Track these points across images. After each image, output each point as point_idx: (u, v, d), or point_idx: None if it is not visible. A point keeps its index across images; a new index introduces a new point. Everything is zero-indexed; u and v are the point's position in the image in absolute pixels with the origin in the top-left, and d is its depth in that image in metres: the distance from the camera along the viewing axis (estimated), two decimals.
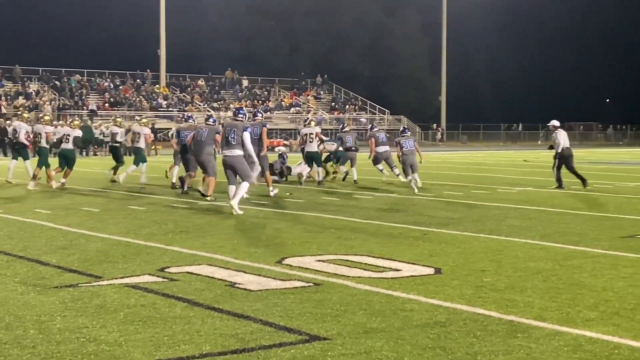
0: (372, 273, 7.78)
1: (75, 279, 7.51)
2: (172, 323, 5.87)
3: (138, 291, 6.95)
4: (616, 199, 16.10)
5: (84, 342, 5.39)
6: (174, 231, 10.90)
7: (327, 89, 74.14)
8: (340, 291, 6.95)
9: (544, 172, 25.72)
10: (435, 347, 5.27)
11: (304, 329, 5.72)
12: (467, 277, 7.61)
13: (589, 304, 6.50)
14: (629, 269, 8.04)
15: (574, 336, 5.55)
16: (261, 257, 8.70)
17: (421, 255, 8.90)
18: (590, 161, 35.16)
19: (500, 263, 8.38)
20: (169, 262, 8.42)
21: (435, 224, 11.67)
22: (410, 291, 6.93)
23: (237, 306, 6.38)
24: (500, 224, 11.74)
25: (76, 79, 61.74)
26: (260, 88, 70.62)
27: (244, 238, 10.23)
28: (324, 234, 10.67)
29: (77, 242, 9.82)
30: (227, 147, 13.24)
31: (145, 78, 65.15)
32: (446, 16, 71.96)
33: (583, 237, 10.38)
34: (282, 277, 7.56)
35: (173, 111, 59.20)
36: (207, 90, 67.09)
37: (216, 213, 13.23)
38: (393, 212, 13.39)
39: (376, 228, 11.31)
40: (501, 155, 43.31)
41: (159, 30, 61.69)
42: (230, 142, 13.20)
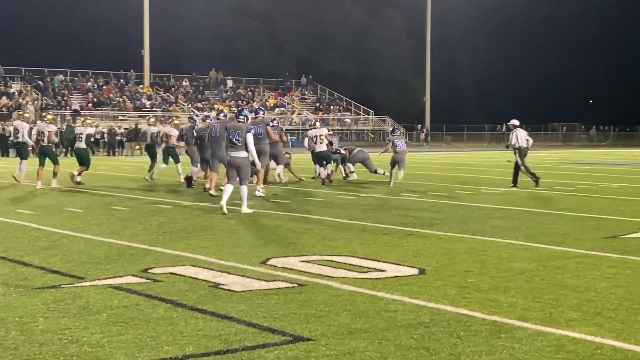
0: (357, 274, 7.78)
1: (57, 280, 7.47)
2: (155, 324, 5.84)
3: (121, 292, 6.91)
4: (599, 199, 16.19)
5: (66, 343, 5.36)
6: (157, 232, 10.86)
7: (311, 90, 74.16)
8: (325, 292, 6.94)
9: None
10: (419, 348, 5.27)
11: (287, 330, 5.71)
12: (451, 277, 7.63)
13: (572, 305, 6.52)
14: (611, 270, 8.08)
15: (556, 336, 5.57)
16: (245, 258, 8.68)
17: (405, 255, 8.91)
18: (574, 162, 35.37)
19: (484, 263, 8.40)
20: (153, 263, 8.38)
21: (420, 225, 11.69)
22: (395, 292, 6.94)
23: (221, 307, 6.36)
24: (484, 225, 11.78)
25: (59, 79, 61.41)
26: (245, 88, 70.52)
27: (228, 239, 10.20)
28: (309, 234, 10.67)
29: (60, 243, 9.76)
30: (232, 148, 13.45)
31: (128, 78, 64.90)
32: (430, 17, 72.11)
33: (566, 237, 10.42)
34: (266, 278, 7.55)
35: (157, 111, 58.99)
36: (191, 90, 66.92)
37: (200, 214, 13.19)
38: (377, 213, 13.40)
39: (361, 228, 11.31)
40: (485, 156, 43.47)
41: (143, 30, 61.47)
42: (235, 143, 13.39)
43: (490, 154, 48.28)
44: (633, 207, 14.50)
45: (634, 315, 6.18)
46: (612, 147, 64.58)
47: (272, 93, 70.11)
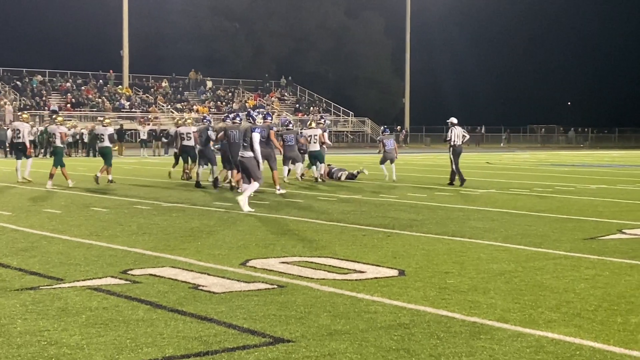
0: (337, 275, 7.79)
1: (36, 281, 7.41)
2: (134, 326, 5.81)
3: (100, 294, 6.87)
4: (578, 201, 16.30)
5: (45, 345, 5.32)
6: (137, 233, 10.81)
7: (291, 91, 74.14)
8: (305, 293, 6.94)
9: (507, 174, 25.99)
10: (399, 349, 5.28)
11: (267, 332, 5.70)
12: (430, 278, 7.65)
13: (551, 306, 6.56)
14: (590, 271, 8.14)
15: (536, 337, 5.60)
16: (225, 259, 8.66)
17: (385, 257, 8.92)
18: (552, 163, 35.60)
19: (464, 265, 8.43)
20: (132, 264, 8.34)
21: (399, 226, 11.71)
22: (374, 293, 6.95)
23: (201, 308, 6.34)
24: (463, 226, 11.82)
25: (38, 79, 60.98)
26: (224, 89, 70.37)
27: (207, 240, 10.18)
28: (288, 235, 10.66)
29: (39, 244, 9.69)
30: (242, 149, 14.09)
31: (107, 79, 64.54)
32: (410, 19, 72.29)
33: (545, 238, 10.49)
34: (246, 279, 7.53)
35: (136, 112, 58.75)
36: (171, 91, 66.68)
37: (180, 215, 13.14)
38: (357, 214, 13.42)
39: (340, 230, 11.32)
40: (464, 157, 43.56)
41: (122, 31, 61.17)
42: (243, 144, 14.00)
43: (470, 155, 48.47)
44: (611, 209, 14.62)
45: (613, 316, 6.23)
46: (590, 149, 65.08)
47: (252, 94, 70.03)
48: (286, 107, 69.35)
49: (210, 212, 13.61)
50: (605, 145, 72.31)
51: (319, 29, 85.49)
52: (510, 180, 22.89)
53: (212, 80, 70.51)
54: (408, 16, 72.35)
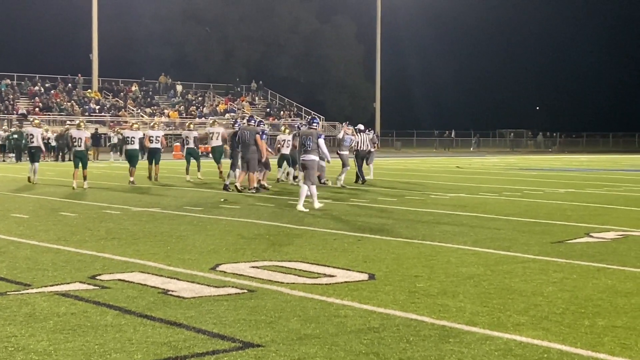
0: (307, 279, 7.79)
1: (3, 287, 7.33)
2: (103, 331, 5.77)
3: (68, 299, 6.81)
4: (546, 205, 16.45)
5: (12, 351, 5.26)
6: (106, 238, 10.73)
7: (262, 95, 74.07)
8: (275, 297, 6.94)
9: (476, 178, 26.16)
10: (369, 353, 5.30)
11: (237, 336, 5.69)
12: (400, 282, 7.68)
13: (519, 309, 6.62)
14: (558, 274, 8.21)
15: (504, 340, 5.64)
16: (195, 264, 8.63)
17: (355, 261, 8.94)
18: (521, 168, 35.89)
19: (433, 268, 8.48)
20: (101, 269, 8.28)
21: (369, 230, 11.75)
22: (345, 297, 6.96)
23: (170, 314, 6.32)
24: (433, 230, 11.88)
25: (6, 83, 60.33)
26: (195, 94, 70.13)
27: (177, 244, 10.13)
28: (259, 240, 10.65)
29: (6, 249, 9.59)
30: (304, 152, 15.06)
31: (76, 82, 64.00)
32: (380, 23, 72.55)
33: (514, 242, 10.57)
34: (216, 284, 7.51)
35: (105, 116, 58.34)
36: (141, 95, 66.31)
37: (149, 219, 13.07)
38: (327, 219, 13.44)
39: (311, 234, 11.32)
40: (434, 162, 43.88)
41: (91, 34, 60.72)
42: (307, 148, 14.98)
43: (440, 159, 48.76)
44: (579, 212, 14.78)
45: (580, 319, 6.29)
46: (558, 153, 65.72)
47: (223, 98, 69.86)
48: (257, 111, 69.21)
49: (180, 216, 13.55)
50: (573, 150, 73.07)
51: (290, 33, 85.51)
52: (480, 184, 23.05)
53: (182, 85, 70.23)
54: (379, 21, 72.59)
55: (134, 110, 61.58)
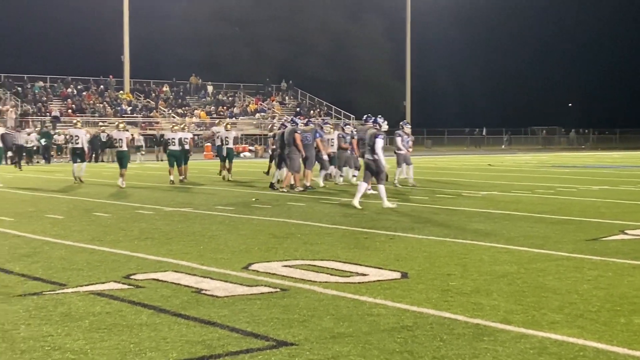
0: (339, 278, 7.79)
1: (39, 287, 7.42)
2: (138, 330, 5.82)
3: (103, 299, 6.88)
4: (580, 202, 16.30)
5: (48, 350, 5.33)
6: (139, 238, 10.82)
7: (292, 95, 74.14)
8: (307, 296, 6.95)
9: (508, 175, 25.99)
10: (403, 352, 5.29)
11: (271, 335, 5.71)
12: (433, 281, 7.65)
13: (554, 307, 6.56)
14: (593, 272, 8.13)
15: (539, 339, 5.60)
16: (227, 263, 8.66)
17: (387, 259, 8.93)
18: (554, 165, 35.58)
19: (466, 267, 8.43)
20: (135, 269, 8.35)
21: (401, 229, 11.71)
22: (377, 296, 6.95)
23: (204, 312, 6.35)
24: (465, 228, 11.82)
25: (39, 85, 61.02)
26: (225, 94, 70.39)
27: (209, 244, 10.18)
28: (290, 239, 10.67)
29: (41, 250, 9.70)
30: (368, 152, 15.17)
31: (108, 84, 64.56)
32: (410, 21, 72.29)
33: (547, 240, 10.48)
34: (248, 283, 7.54)
35: (137, 117, 58.77)
36: (172, 96, 66.70)
37: (182, 219, 13.15)
38: (359, 217, 13.42)
39: (342, 233, 11.32)
40: (466, 160, 43.65)
41: (122, 35, 61.21)
42: (368, 147, 15.16)
43: (471, 157, 48.49)
44: (613, 210, 14.61)
45: (616, 317, 6.23)
46: (591, 150, 65.04)
47: (253, 98, 70.02)
48: (287, 111, 69.32)
49: (212, 216, 13.62)
50: (606, 147, 72.26)
51: (319, 32, 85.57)
52: (512, 182, 22.89)
53: (212, 85, 70.52)
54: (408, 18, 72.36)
55: (165, 111, 61.96)
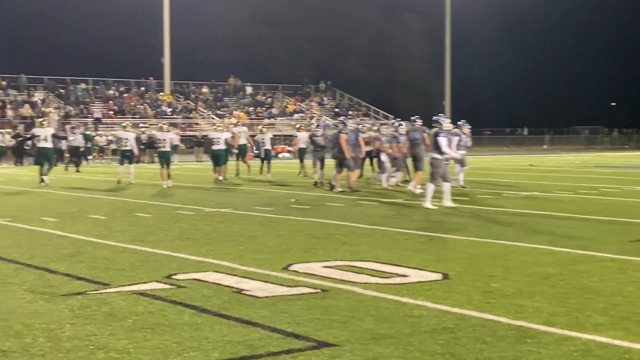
0: (379, 279, 7.77)
1: (83, 286, 7.51)
2: (180, 330, 5.86)
3: (146, 298, 6.95)
4: (624, 203, 16.06)
5: (92, 349, 5.39)
6: (180, 238, 10.90)
7: (330, 95, 74.15)
8: (348, 297, 6.94)
9: (550, 176, 25.72)
10: (445, 353, 5.25)
11: (312, 336, 5.71)
12: (474, 282, 7.59)
13: (598, 309, 6.48)
14: (637, 273, 8.01)
15: (583, 341, 5.53)
16: (267, 264, 8.69)
17: (428, 260, 8.88)
18: (597, 165, 35.12)
19: (508, 268, 8.36)
20: (176, 269, 8.42)
21: (442, 230, 11.65)
22: (418, 297, 6.92)
23: (245, 313, 6.37)
24: (507, 229, 11.72)
25: (81, 87, 61.84)
26: (264, 95, 70.64)
27: (250, 244, 10.22)
28: (330, 240, 10.66)
29: (85, 250, 9.83)
30: (433, 151, 15.20)
31: (149, 86, 65.20)
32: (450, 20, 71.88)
33: (590, 241, 10.35)
34: (288, 284, 7.55)
35: (177, 118, 59.24)
36: (211, 97, 67.15)
37: (222, 220, 13.22)
38: (399, 218, 13.38)
39: (382, 234, 11.29)
40: (507, 160, 43.28)
41: (163, 38, 61.77)
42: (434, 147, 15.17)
43: (512, 157, 48.07)
44: None
45: None
46: (635, 150, 64.06)
47: (291, 99, 70.20)
48: (325, 111, 69.39)
49: (252, 216, 13.68)
50: None
51: (358, 32, 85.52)
52: (554, 182, 22.64)
53: (251, 86, 70.83)
54: (448, 18, 71.96)
55: (204, 112, 62.38)
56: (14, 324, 6.09)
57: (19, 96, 57.74)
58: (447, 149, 15.03)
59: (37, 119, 51.51)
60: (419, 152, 18.81)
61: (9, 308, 6.63)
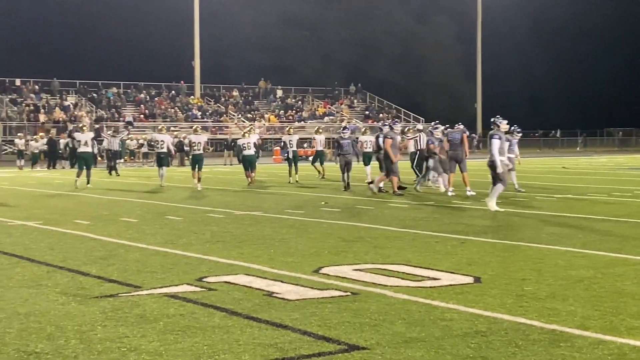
0: (410, 282, 7.73)
1: (115, 289, 7.56)
2: (211, 332, 5.88)
3: (177, 301, 6.97)
4: None
5: (124, 351, 5.41)
6: (211, 241, 10.94)
7: (360, 98, 74.10)
8: (378, 300, 6.91)
9: (583, 178, 25.46)
10: (477, 357, 5.21)
11: (342, 339, 5.69)
12: (507, 286, 7.52)
13: (633, 312, 6.38)
14: None
15: (618, 345, 5.45)
16: (298, 267, 8.69)
17: (460, 264, 8.82)
18: (631, 167, 34.71)
19: (541, 271, 8.27)
20: (207, 271, 8.44)
21: (474, 233, 11.57)
22: (450, 300, 6.87)
23: (275, 316, 6.37)
24: (539, 232, 11.61)
25: (113, 91, 62.42)
26: (294, 98, 70.76)
27: (280, 247, 10.23)
28: (360, 242, 10.64)
29: (117, 253, 9.90)
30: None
31: (179, 89, 65.62)
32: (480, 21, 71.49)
33: (625, 244, 10.21)
34: (319, 287, 7.54)
35: (207, 122, 59.54)
36: (241, 100, 67.40)
37: (252, 223, 13.25)
38: (430, 221, 13.31)
39: (413, 237, 11.24)
40: (539, 162, 42.93)
41: (193, 41, 62.14)
42: None
43: (545, 160, 47.66)
44: None
45: None
46: None
47: (321, 102, 70.24)
48: (355, 114, 69.36)
49: (282, 219, 13.69)
50: None
51: (388, 35, 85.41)
52: (588, 184, 22.41)
53: (281, 89, 71.00)
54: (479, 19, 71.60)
55: (234, 116, 62.63)
56: (46, 325, 6.15)
57: (52, 100, 58.43)
58: (495, 154, 14.53)
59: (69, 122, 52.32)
60: (459, 154, 18.68)
61: (42, 310, 6.69)
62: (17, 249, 10.26)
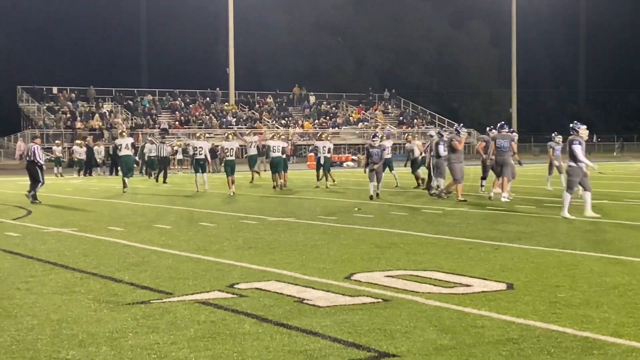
0: (442, 289, 7.68)
1: (147, 295, 7.61)
2: (241, 339, 5.88)
3: (208, 307, 6.99)
4: None
5: (155, 358, 5.44)
6: (243, 247, 10.97)
7: (394, 103, 73.92)
8: (410, 307, 6.87)
9: (620, 184, 25.13)
10: None
11: (373, 346, 5.66)
12: (540, 292, 7.44)
13: None
14: None
15: None
16: (329, 273, 8.67)
17: (492, 270, 8.74)
18: None
19: (575, 278, 8.17)
20: (238, 278, 8.46)
21: (507, 239, 11.46)
22: (482, 307, 6.81)
23: (306, 322, 6.36)
24: (574, 238, 11.47)
25: (148, 98, 62.97)
26: (328, 104, 70.79)
27: (312, 254, 10.22)
28: (393, 249, 10.59)
29: (149, 259, 9.96)
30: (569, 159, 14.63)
31: (215, 96, 66.01)
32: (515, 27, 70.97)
33: None
34: (350, 293, 7.52)
35: (242, 128, 59.80)
36: (275, 107, 67.60)
37: (285, 229, 13.26)
38: (463, 227, 13.22)
39: (445, 243, 11.17)
40: None
41: (228, 49, 62.48)
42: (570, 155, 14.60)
43: None
44: None
45: None
46: None
47: (355, 108, 70.18)
48: (390, 120, 69.21)
49: (315, 225, 13.69)
50: None
51: (422, 40, 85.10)
52: (624, 190, 22.11)
53: (315, 95, 71.08)
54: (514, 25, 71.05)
55: (269, 122, 62.83)
56: (78, 332, 6.20)
57: (88, 107, 59.10)
58: (583, 158, 14.34)
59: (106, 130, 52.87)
60: (506, 159, 18.58)
61: (74, 317, 6.75)
62: (51, 256, 10.38)
